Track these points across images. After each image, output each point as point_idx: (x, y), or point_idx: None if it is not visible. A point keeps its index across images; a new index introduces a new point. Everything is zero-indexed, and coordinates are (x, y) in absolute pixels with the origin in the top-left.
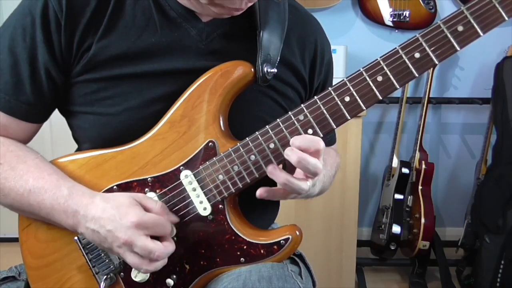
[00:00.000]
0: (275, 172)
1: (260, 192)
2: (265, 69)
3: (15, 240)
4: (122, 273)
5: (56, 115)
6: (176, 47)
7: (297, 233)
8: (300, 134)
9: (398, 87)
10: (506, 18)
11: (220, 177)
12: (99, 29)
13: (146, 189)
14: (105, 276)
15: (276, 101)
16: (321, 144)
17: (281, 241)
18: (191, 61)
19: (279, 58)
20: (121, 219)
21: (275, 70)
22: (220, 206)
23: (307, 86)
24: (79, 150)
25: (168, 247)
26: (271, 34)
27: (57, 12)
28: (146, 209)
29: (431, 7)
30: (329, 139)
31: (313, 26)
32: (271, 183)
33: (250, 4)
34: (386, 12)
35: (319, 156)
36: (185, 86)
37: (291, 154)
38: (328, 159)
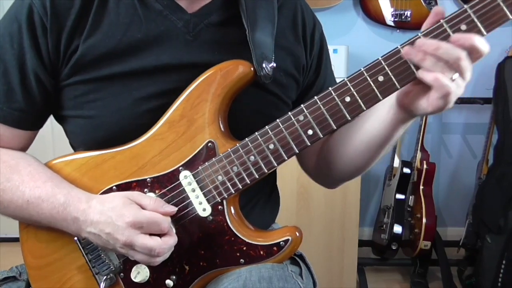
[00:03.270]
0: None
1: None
2: (264, 65)
3: (15, 240)
4: (122, 274)
5: None
6: (163, 40)
7: (297, 234)
8: (300, 134)
9: (399, 87)
10: (511, 17)
11: (220, 178)
12: (84, 29)
13: (146, 190)
14: (105, 277)
15: (275, 95)
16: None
17: (281, 243)
18: (178, 54)
19: (273, 56)
20: (117, 221)
21: (274, 64)
22: (220, 207)
23: (305, 65)
24: None
25: (168, 241)
26: (262, 33)
27: (42, 16)
28: (142, 207)
29: (432, 7)
30: None
31: (301, 5)
32: (271, 183)
33: None
34: (387, 12)
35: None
36: (176, 83)
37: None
38: None
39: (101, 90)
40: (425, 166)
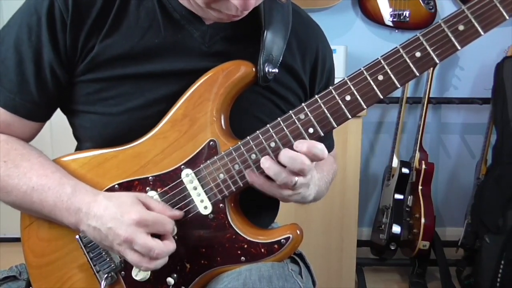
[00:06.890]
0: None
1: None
2: (267, 69)
3: (15, 240)
4: (123, 272)
5: (56, 114)
6: (179, 48)
7: (298, 232)
8: (301, 133)
9: (398, 86)
10: (507, 17)
11: (221, 176)
12: (103, 29)
13: (147, 188)
14: (106, 275)
15: (276, 105)
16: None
17: (282, 240)
18: (192, 63)
19: (281, 59)
20: (122, 216)
21: (277, 70)
22: (221, 205)
23: (307, 92)
24: (79, 148)
25: (168, 246)
26: (275, 35)
27: (63, 12)
28: (148, 208)
29: (431, 7)
30: (327, 145)
31: (315, 32)
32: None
33: (246, 13)
34: (386, 12)
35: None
36: (187, 87)
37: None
38: (325, 165)
39: (113, 89)
40: (423, 166)
